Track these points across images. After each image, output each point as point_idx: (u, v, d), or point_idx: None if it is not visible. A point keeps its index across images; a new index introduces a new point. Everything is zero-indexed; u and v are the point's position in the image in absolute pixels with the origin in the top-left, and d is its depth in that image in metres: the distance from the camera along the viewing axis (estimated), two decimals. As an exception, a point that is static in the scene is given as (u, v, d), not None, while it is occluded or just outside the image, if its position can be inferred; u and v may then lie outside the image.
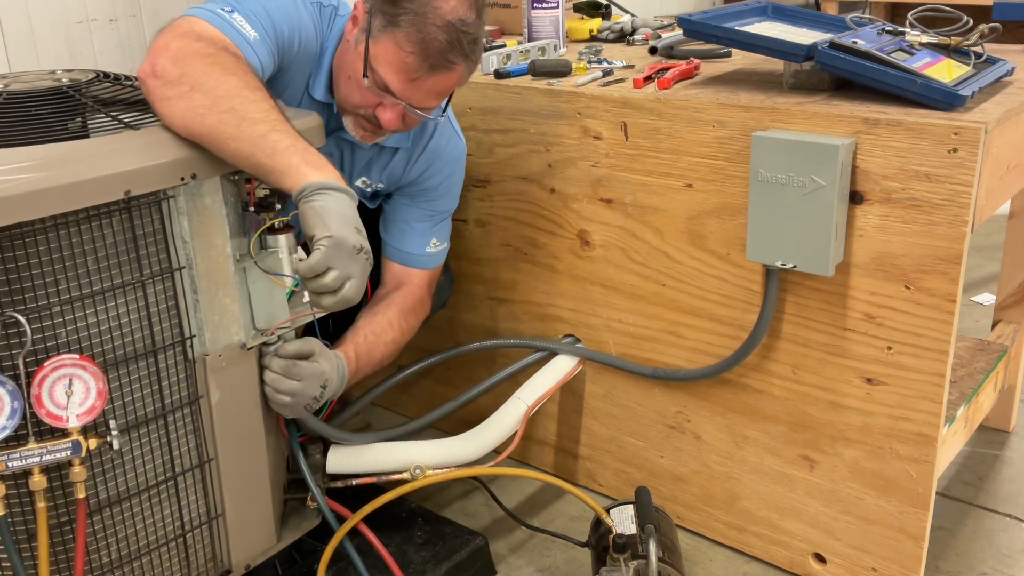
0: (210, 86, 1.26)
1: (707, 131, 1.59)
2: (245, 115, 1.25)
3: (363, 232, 1.28)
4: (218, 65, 1.29)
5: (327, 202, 1.24)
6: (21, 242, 1.14)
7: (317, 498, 1.56)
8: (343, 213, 1.25)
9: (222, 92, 1.26)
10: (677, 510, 1.86)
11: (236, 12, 1.39)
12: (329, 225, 1.23)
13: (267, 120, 1.27)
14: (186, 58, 1.28)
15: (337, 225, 1.23)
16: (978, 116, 1.38)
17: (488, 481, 1.94)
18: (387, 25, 1.42)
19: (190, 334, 1.32)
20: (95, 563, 1.29)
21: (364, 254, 1.26)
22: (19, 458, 1.16)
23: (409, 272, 1.78)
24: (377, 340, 1.67)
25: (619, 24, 2.30)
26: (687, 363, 1.76)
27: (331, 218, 1.23)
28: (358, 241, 1.25)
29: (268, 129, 1.26)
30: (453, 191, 1.80)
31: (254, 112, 1.26)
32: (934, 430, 1.50)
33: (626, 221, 1.75)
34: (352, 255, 1.24)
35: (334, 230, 1.23)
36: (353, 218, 1.27)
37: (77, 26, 2.36)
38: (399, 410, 2.33)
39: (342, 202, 1.26)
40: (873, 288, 1.49)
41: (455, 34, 1.41)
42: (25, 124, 1.24)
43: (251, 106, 1.27)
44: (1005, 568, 1.76)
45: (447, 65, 1.44)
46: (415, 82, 1.44)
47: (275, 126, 1.27)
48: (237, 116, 1.25)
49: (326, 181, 1.25)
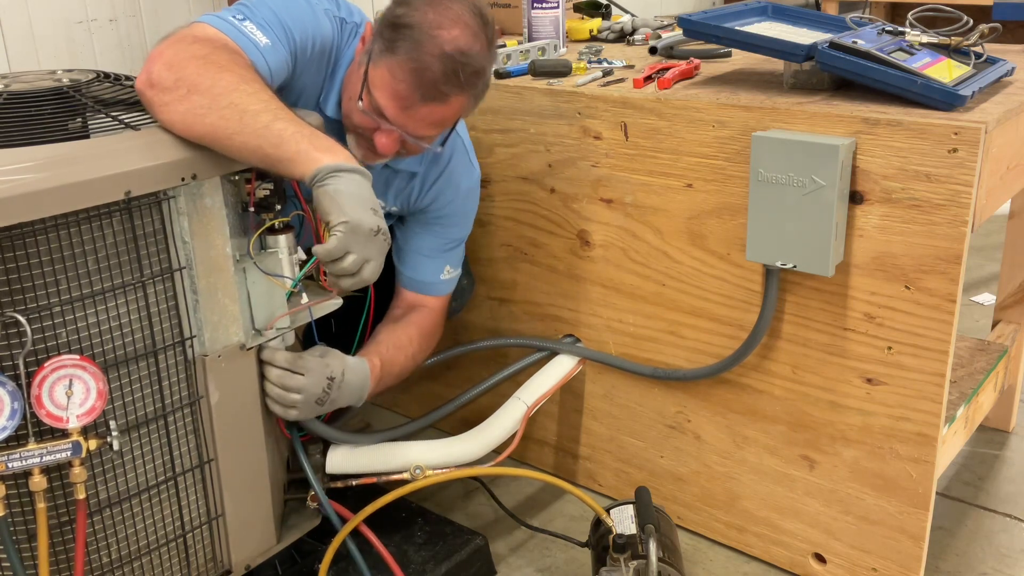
0: (207, 85, 1.25)
1: (707, 131, 1.59)
2: (246, 108, 1.24)
3: (380, 212, 1.27)
4: (213, 64, 1.28)
5: (340, 184, 1.23)
6: (21, 242, 1.14)
7: (320, 498, 1.56)
8: (358, 195, 1.24)
9: (219, 89, 1.25)
10: (677, 510, 1.86)
11: (248, 20, 1.38)
12: (344, 209, 1.22)
13: (268, 110, 1.26)
14: (180, 62, 1.28)
15: (352, 208, 1.23)
16: (978, 116, 1.38)
17: (488, 481, 1.94)
18: (385, 50, 1.40)
19: (190, 334, 1.32)
20: (95, 563, 1.29)
21: (382, 235, 1.26)
22: (19, 458, 1.16)
23: (424, 299, 1.79)
24: (398, 353, 1.67)
25: (619, 24, 2.30)
26: (687, 363, 1.76)
27: (346, 201, 1.23)
28: (374, 223, 1.25)
29: (271, 119, 1.25)
30: (467, 219, 1.79)
31: (254, 104, 1.25)
32: (934, 430, 1.50)
33: (626, 221, 1.75)
34: (369, 238, 1.24)
35: (349, 214, 1.22)
36: (369, 199, 1.26)
37: (77, 26, 2.37)
38: (399, 410, 2.33)
39: (356, 183, 1.25)
40: (873, 288, 1.49)
41: (452, 64, 1.38)
42: (25, 124, 1.24)
43: (250, 99, 1.26)
44: (1005, 568, 1.76)
45: (440, 96, 1.41)
46: (408, 111, 1.42)
47: (277, 115, 1.26)
48: (238, 111, 1.24)
49: (338, 163, 1.24)
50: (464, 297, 1.92)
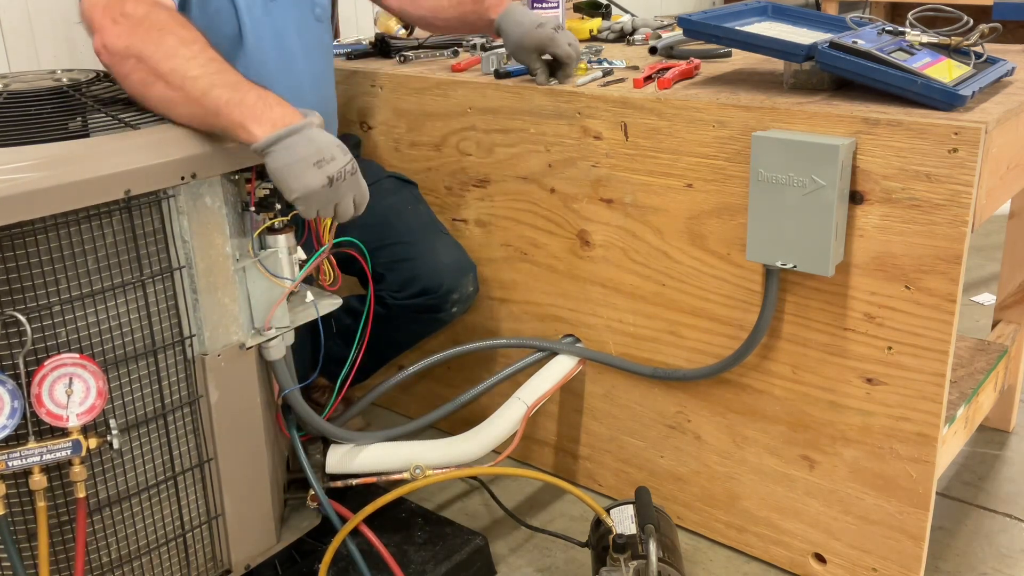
0: (148, 52, 1.26)
1: (707, 131, 1.59)
2: (185, 74, 1.25)
3: (325, 149, 1.28)
4: (153, 30, 1.28)
5: (279, 159, 1.25)
6: (21, 242, 1.14)
7: (320, 498, 1.56)
8: (298, 161, 1.25)
9: (159, 56, 1.26)
10: (677, 510, 1.86)
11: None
12: (289, 184, 1.26)
13: (206, 74, 1.26)
14: (126, 30, 1.28)
15: (296, 180, 1.26)
16: (978, 116, 1.38)
17: (488, 481, 1.94)
18: None
19: (190, 334, 1.32)
20: (95, 563, 1.29)
21: (341, 178, 1.29)
22: (19, 457, 1.16)
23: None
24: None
25: (619, 24, 2.30)
26: (687, 363, 1.76)
27: (288, 175, 1.26)
28: (322, 178, 1.27)
29: (208, 86, 1.25)
30: None
31: (193, 69, 1.26)
32: (934, 430, 1.50)
33: (626, 221, 1.75)
34: (326, 192, 1.28)
35: (295, 187, 1.26)
36: (310, 155, 1.26)
37: (77, 26, 2.36)
38: (399, 410, 2.33)
39: (292, 149, 1.26)
40: (873, 288, 1.49)
41: None
42: (25, 124, 1.24)
43: (189, 64, 1.26)
44: (1005, 568, 1.76)
45: None
46: None
47: (213, 81, 1.26)
48: (178, 78, 1.25)
49: (269, 136, 1.24)
50: (469, 303, 1.92)
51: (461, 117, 1.90)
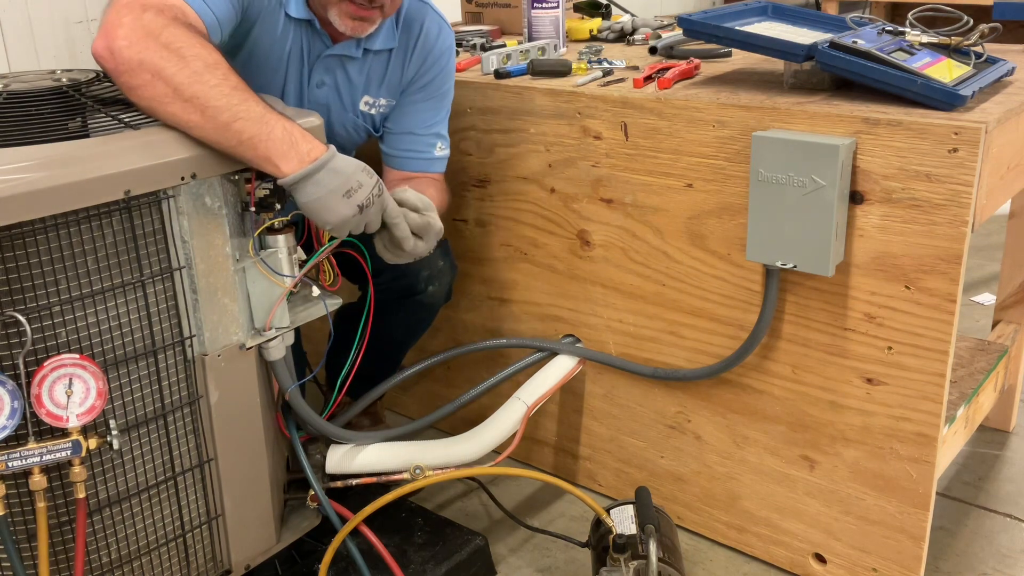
0: (169, 73, 1.25)
1: (707, 131, 1.59)
2: (207, 104, 1.25)
3: (351, 178, 1.31)
4: (173, 49, 1.27)
5: (308, 194, 1.30)
6: (21, 242, 1.14)
7: (321, 499, 1.56)
8: (327, 195, 1.30)
9: (181, 79, 1.25)
10: (677, 510, 1.86)
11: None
12: (322, 217, 1.32)
13: (228, 107, 1.26)
14: (140, 40, 1.26)
15: (328, 213, 1.32)
16: (978, 116, 1.38)
17: (488, 481, 1.94)
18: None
19: (189, 334, 1.32)
20: (95, 563, 1.29)
21: (369, 198, 1.33)
22: (19, 458, 1.16)
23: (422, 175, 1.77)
24: None
25: (619, 24, 2.30)
26: (687, 363, 1.76)
27: (319, 210, 1.31)
28: (352, 208, 1.32)
29: (230, 118, 1.25)
30: (451, 76, 1.80)
31: (216, 99, 1.25)
32: (934, 430, 1.50)
33: (626, 221, 1.75)
34: (356, 218, 1.33)
35: (327, 220, 1.32)
36: (338, 187, 1.31)
37: (77, 26, 2.37)
38: (399, 410, 2.33)
39: (320, 184, 1.30)
40: (873, 288, 1.49)
41: None
42: (25, 124, 1.24)
43: (212, 92, 1.26)
44: (1005, 568, 1.76)
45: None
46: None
47: (237, 112, 1.26)
48: (199, 105, 1.25)
49: (298, 172, 1.28)
50: (444, 279, 1.87)
51: (461, 117, 1.90)
